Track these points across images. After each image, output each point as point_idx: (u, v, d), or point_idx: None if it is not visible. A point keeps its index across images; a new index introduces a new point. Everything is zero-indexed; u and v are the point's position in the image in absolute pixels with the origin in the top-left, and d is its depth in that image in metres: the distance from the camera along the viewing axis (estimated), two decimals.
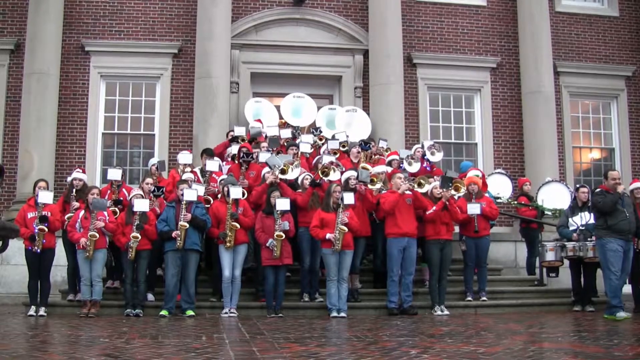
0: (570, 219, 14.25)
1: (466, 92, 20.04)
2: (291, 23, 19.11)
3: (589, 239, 13.70)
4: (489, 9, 20.37)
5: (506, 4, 20.40)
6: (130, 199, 12.82)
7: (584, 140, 20.96)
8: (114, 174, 13.78)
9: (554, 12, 20.49)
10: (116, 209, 13.04)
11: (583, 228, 13.95)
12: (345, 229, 12.36)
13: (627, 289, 13.51)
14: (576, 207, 14.38)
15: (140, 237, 12.31)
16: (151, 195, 13.23)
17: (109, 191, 13.69)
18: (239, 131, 15.74)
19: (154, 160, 15.09)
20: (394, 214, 12.96)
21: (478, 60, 19.98)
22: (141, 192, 13.04)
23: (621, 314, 11.93)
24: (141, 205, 12.47)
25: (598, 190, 12.73)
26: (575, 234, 13.98)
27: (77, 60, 18.09)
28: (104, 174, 15.98)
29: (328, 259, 12.55)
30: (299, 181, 13.69)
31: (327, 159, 14.20)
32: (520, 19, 20.00)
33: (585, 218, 14.10)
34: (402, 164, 15.02)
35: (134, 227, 12.33)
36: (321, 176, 13.41)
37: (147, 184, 13.52)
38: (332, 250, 12.41)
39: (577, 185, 15.15)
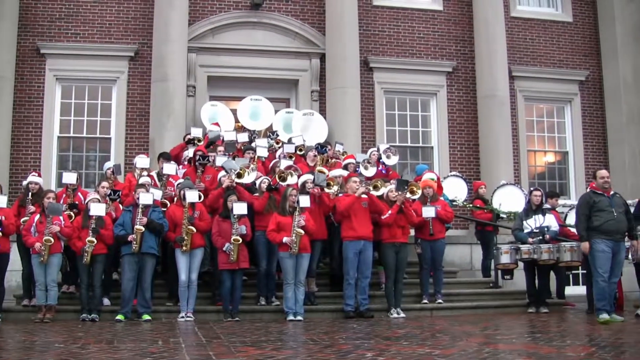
0: (524, 222, 14.41)
1: (422, 96, 20.17)
2: (248, 27, 19.10)
3: (543, 242, 13.93)
4: (445, 13, 20.51)
5: (462, 8, 20.56)
6: (87, 203, 12.71)
7: (538, 143, 21.17)
8: (69, 177, 13.71)
9: (509, 17, 20.69)
10: (72, 213, 12.94)
11: (537, 231, 14.13)
12: (302, 232, 12.40)
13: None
14: (530, 210, 14.55)
15: (96, 241, 12.21)
16: (107, 199, 13.14)
17: (64, 195, 13.59)
18: (196, 133, 15.72)
19: (109, 164, 14.95)
20: (349, 217, 13.02)
21: (434, 65, 20.12)
22: (97, 196, 12.93)
23: (604, 316, 11.78)
24: (97, 209, 12.37)
25: (590, 191, 12.67)
26: (530, 238, 14.14)
27: (32, 63, 17.92)
28: (60, 177, 15.85)
29: (285, 262, 12.58)
30: (257, 185, 13.70)
31: (284, 163, 14.23)
32: (476, 24, 20.18)
33: (539, 221, 14.27)
34: (359, 167, 15.09)
35: (90, 231, 12.23)
36: (278, 181, 13.41)
37: (103, 187, 13.45)
38: (289, 253, 12.44)
39: (531, 189, 15.33)
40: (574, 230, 14.24)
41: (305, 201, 12.56)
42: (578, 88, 21.23)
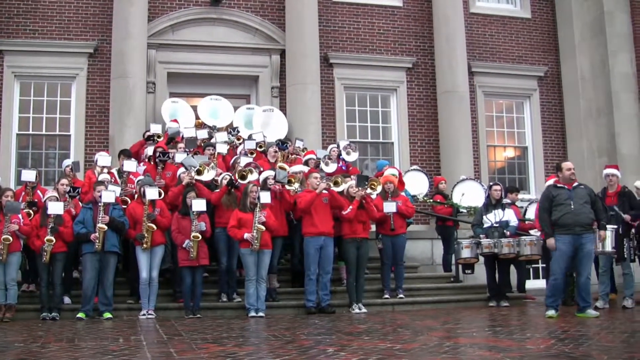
0: (484, 217, 14.54)
1: (382, 91, 20.24)
2: (208, 23, 19.05)
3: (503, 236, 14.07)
4: (405, 9, 20.59)
5: (421, 4, 20.65)
6: (45, 201, 12.62)
7: (498, 139, 21.33)
8: (28, 175, 13.58)
9: (468, 13, 20.82)
10: (30, 211, 12.81)
11: (497, 225, 14.26)
12: (263, 228, 12.41)
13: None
14: (490, 204, 14.68)
15: (54, 240, 12.12)
16: (66, 196, 13.04)
17: (23, 193, 13.49)
18: (155, 129, 15.66)
19: (68, 161, 14.88)
20: (310, 214, 13.05)
21: (394, 61, 20.19)
22: (56, 194, 12.79)
23: (549, 312, 11.60)
24: (55, 208, 12.25)
25: (551, 184, 12.59)
26: (483, 235, 14.30)
27: None
28: (19, 175, 15.70)
29: (246, 258, 12.57)
30: (218, 181, 13.69)
31: (244, 160, 14.23)
32: (436, 20, 20.26)
33: (498, 215, 14.40)
34: (319, 163, 15.13)
35: (49, 230, 12.14)
36: (238, 179, 13.38)
37: (62, 185, 13.33)
38: (250, 250, 12.44)
39: (490, 183, 15.45)
40: (532, 224, 14.39)
41: (266, 197, 12.57)
42: (537, 84, 21.44)
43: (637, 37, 21.10)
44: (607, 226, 12.79)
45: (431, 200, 17.28)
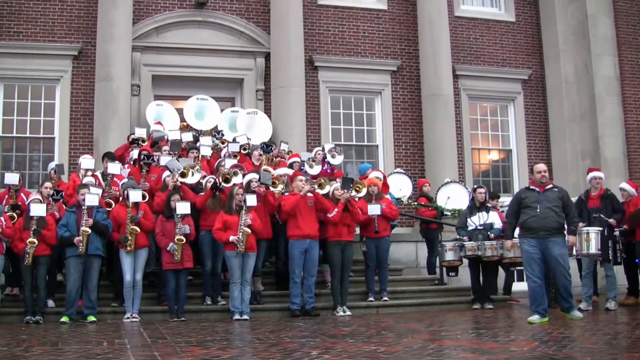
0: (468, 219, 14.59)
1: (367, 94, 20.30)
2: (193, 25, 19.05)
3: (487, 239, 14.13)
4: (390, 12, 20.65)
5: (406, 8, 20.71)
6: (28, 204, 12.59)
7: (482, 141, 21.42)
8: (11, 178, 13.53)
9: (453, 17, 20.90)
10: (14, 214, 12.77)
11: (481, 228, 14.31)
12: (249, 230, 12.40)
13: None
14: (474, 207, 14.73)
15: (37, 242, 12.03)
16: (50, 199, 13.01)
17: (6, 196, 13.43)
18: (140, 133, 15.65)
19: (52, 164, 14.86)
20: (295, 216, 13.06)
21: (379, 64, 20.24)
22: (39, 197, 12.79)
23: (531, 317, 11.42)
24: (38, 210, 12.20)
25: (524, 187, 12.54)
26: (466, 237, 14.38)
27: None
28: (2, 178, 15.64)
29: (231, 261, 12.57)
30: (203, 184, 13.69)
31: (229, 162, 14.23)
32: (420, 23, 20.33)
33: (482, 218, 14.45)
34: (304, 166, 15.15)
35: (31, 232, 12.08)
36: (222, 182, 13.37)
37: (46, 188, 13.31)
38: (235, 252, 12.44)
39: (475, 186, 15.48)
40: None
41: (252, 200, 12.57)
42: (521, 87, 21.54)
43: (620, 40, 21.23)
44: (591, 229, 12.88)
45: (415, 203, 17.32)
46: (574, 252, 13.44)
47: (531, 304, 11.68)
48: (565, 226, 11.74)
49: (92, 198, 12.29)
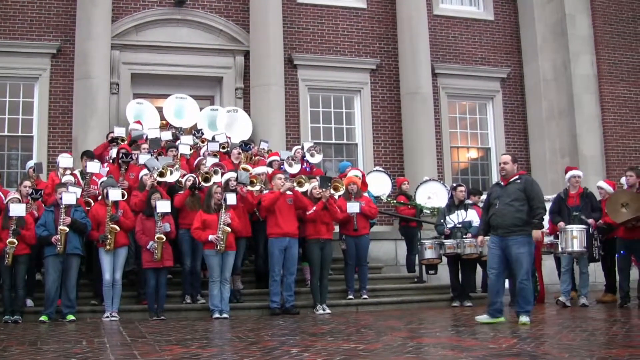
0: (447, 217, 14.63)
1: (346, 93, 20.34)
2: (172, 24, 19.02)
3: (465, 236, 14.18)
4: (369, 11, 20.69)
5: (386, 6, 20.74)
6: (6, 203, 12.48)
7: (461, 140, 21.51)
8: None
9: (432, 15, 20.98)
10: None
11: (460, 226, 14.37)
12: (229, 229, 12.40)
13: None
14: (453, 205, 14.77)
15: (16, 242, 11.97)
16: (29, 198, 12.95)
17: None
18: (119, 132, 15.62)
19: (31, 163, 14.79)
20: (275, 214, 13.08)
21: (358, 62, 20.28)
22: (18, 196, 12.68)
23: (481, 317, 11.07)
24: (17, 209, 12.11)
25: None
26: (446, 229, 14.44)
27: None
28: None
29: (211, 260, 12.57)
30: (183, 182, 13.68)
31: (210, 161, 14.22)
32: (399, 22, 20.38)
33: (461, 216, 14.51)
34: (283, 165, 15.16)
35: (10, 232, 12.00)
36: (202, 181, 13.35)
37: (25, 187, 13.20)
38: (215, 251, 12.45)
39: (454, 184, 15.55)
40: None
41: (232, 199, 12.58)
42: (500, 85, 21.64)
43: (597, 39, 21.37)
44: (575, 227, 12.93)
45: (394, 201, 17.36)
46: (559, 249, 13.55)
47: (489, 301, 11.18)
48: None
49: (69, 197, 12.22)
